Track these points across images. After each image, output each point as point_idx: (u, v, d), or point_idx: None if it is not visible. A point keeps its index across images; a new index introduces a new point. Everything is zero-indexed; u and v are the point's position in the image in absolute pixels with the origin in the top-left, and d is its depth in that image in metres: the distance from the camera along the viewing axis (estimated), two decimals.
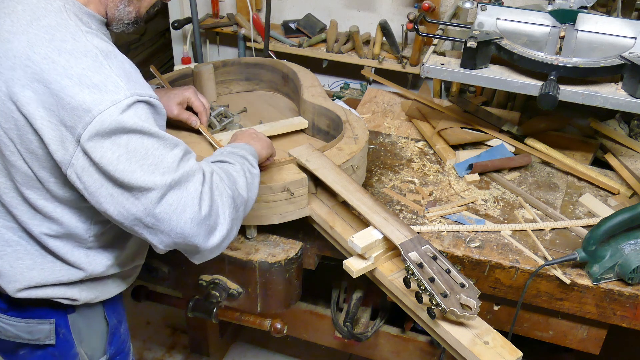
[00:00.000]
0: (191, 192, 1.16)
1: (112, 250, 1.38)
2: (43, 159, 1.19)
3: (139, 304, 2.82)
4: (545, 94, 1.64)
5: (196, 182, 1.18)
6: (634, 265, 1.50)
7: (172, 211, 1.15)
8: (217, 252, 1.26)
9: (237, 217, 1.28)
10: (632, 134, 2.14)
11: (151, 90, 1.19)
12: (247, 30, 2.62)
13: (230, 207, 1.24)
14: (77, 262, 1.33)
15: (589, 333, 1.71)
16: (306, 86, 1.93)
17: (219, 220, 1.21)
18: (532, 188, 1.88)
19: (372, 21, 2.54)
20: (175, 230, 1.16)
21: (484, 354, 1.22)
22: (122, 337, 1.56)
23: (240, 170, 1.32)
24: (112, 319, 1.50)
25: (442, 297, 1.20)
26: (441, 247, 1.63)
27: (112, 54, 1.17)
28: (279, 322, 1.72)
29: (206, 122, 1.72)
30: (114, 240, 1.38)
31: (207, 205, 1.18)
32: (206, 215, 1.18)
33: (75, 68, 1.12)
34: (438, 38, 1.99)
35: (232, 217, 1.24)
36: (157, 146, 1.14)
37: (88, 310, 1.44)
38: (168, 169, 1.14)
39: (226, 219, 1.22)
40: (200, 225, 1.18)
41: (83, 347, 1.46)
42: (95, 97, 1.10)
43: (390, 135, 2.13)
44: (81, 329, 1.44)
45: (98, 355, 1.51)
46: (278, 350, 2.72)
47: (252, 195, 1.34)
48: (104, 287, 1.42)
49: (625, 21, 1.79)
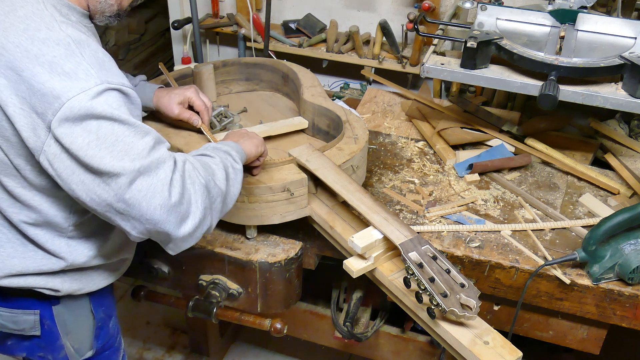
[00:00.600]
0: (161, 178, 1.17)
1: (94, 241, 1.39)
2: (18, 147, 1.21)
3: (139, 304, 2.84)
4: (545, 94, 1.64)
5: (167, 169, 1.19)
6: (634, 265, 1.50)
7: (141, 197, 1.16)
8: (191, 242, 1.26)
9: (214, 209, 1.28)
10: (632, 134, 2.14)
11: (125, 79, 1.20)
12: (247, 30, 2.62)
13: (203, 196, 1.24)
14: (57, 252, 1.34)
15: (589, 333, 1.71)
16: (306, 86, 1.93)
17: (190, 208, 1.21)
18: (532, 188, 1.88)
19: (372, 21, 2.54)
20: (145, 216, 1.17)
21: (484, 354, 1.22)
22: (110, 332, 1.56)
23: (220, 163, 1.33)
24: (99, 312, 1.50)
25: (442, 297, 1.20)
26: (441, 247, 1.63)
27: (85, 42, 1.18)
28: (279, 322, 1.72)
29: (208, 122, 1.72)
30: (96, 230, 1.38)
31: (178, 192, 1.19)
32: (176, 202, 1.19)
33: (47, 56, 1.14)
34: (438, 38, 1.99)
35: (204, 205, 1.24)
36: (127, 133, 1.16)
37: (73, 302, 1.44)
38: (138, 156, 1.16)
39: (198, 208, 1.22)
40: (171, 212, 1.18)
41: (69, 340, 1.48)
42: (65, 84, 1.13)
43: (390, 135, 2.13)
44: (67, 321, 1.45)
45: (85, 348, 1.51)
46: (278, 350, 2.72)
47: (233, 189, 1.35)
48: (88, 278, 1.42)
49: (625, 21, 1.79)
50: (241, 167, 1.39)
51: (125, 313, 2.88)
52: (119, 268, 1.51)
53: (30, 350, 1.48)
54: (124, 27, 4.12)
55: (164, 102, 1.68)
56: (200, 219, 1.23)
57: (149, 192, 1.16)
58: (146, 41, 4.38)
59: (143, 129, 1.19)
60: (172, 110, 1.68)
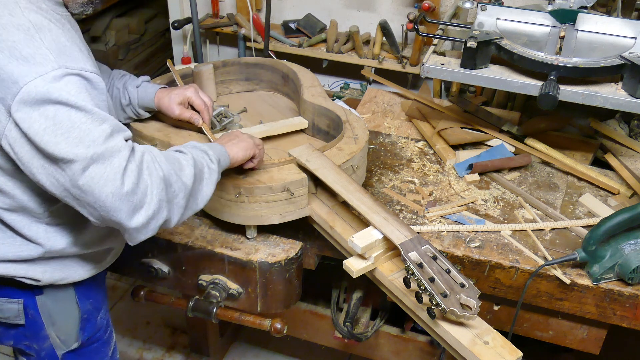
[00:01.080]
0: (115, 166, 1.18)
1: (71, 228, 1.39)
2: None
3: (139, 304, 2.83)
4: (545, 94, 1.64)
5: (121, 157, 1.19)
6: (634, 265, 1.50)
7: (94, 184, 1.16)
8: (146, 234, 1.25)
9: (175, 203, 1.27)
10: (632, 134, 2.14)
11: (88, 64, 1.21)
12: (247, 30, 2.62)
13: (159, 188, 1.23)
14: (35, 237, 1.35)
15: (589, 333, 1.71)
16: (306, 86, 1.93)
17: (145, 199, 1.21)
18: (532, 188, 1.88)
19: (372, 21, 2.54)
20: (98, 202, 1.18)
21: (484, 354, 1.22)
22: (98, 325, 1.57)
23: (191, 159, 1.33)
24: (85, 304, 1.51)
25: (442, 297, 1.20)
26: (441, 247, 1.63)
27: (47, 28, 1.19)
28: (279, 322, 1.72)
29: (209, 120, 1.71)
30: (73, 218, 1.38)
31: (132, 182, 1.19)
32: (129, 191, 1.18)
33: (6, 41, 1.15)
34: (438, 38, 1.99)
35: (159, 197, 1.23)
36: (84, 120, 1.16)
37: (58, 293, 1.45)
38: (93, 143, 1.16)
39: (153, 199, 1.22)
40: (123, 200, 1.18)
41: (55, 331, 1.49)
42: (23, 69, 1.14)
43: (390, 135, 2.13)
44: (51, 312, 1.46)
45: (72, 340, 1.52)
46: (278, 350, 2.72)
47: (206, 189, 1.35)
48: (69, 269, 1.42)
49: (625, 21, 1.79)
50: (216, 169, 1.39)
51: (125, 313, 2.88)
52: (104, 259, 1.50)
53: (16, 339, 1.50)
54: (124, 27, 4.12)
55: (165, 103, 1.68)
56: (154, 210, 1.22)
57: (101, 179, 1.17)
58: (146, 41, 4.38)
59: (101, 115, 1.19)
60: (172, 110, 1.68)
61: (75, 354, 1.55)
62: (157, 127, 1.75)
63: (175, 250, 1.65)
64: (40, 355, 1.52)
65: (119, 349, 2.71)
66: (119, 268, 1.76)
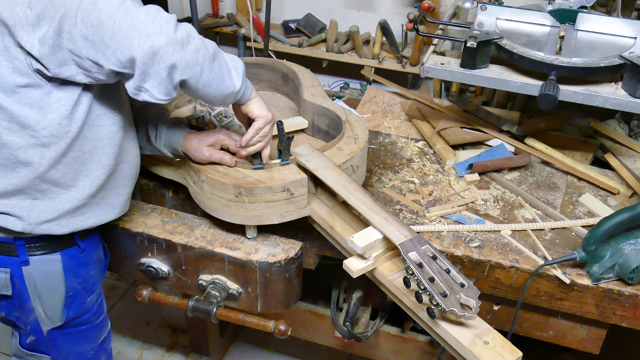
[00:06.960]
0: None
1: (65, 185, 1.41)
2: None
3: (139, 304, 2.84)
4: (545, 93, 1.64)
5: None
6: (633, 265, 1.50)
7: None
8: (160, 61, 1.24)
9: (188, 51, 1.27)
10: (632, 134, 2.14)
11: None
12: (247, 30, 2.62)
13: (194, 33, 1.28)
14: (30, 160, 1.34)
15: (588, 333, 1.71)
16: (306, 86, 1.93)
17: (180, 27, 1.26)
18: (532, 188, 1.88)
19: (372, 21, 2.54)
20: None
21: (483, 354, 1.22)
22: (87, 307, 1.58)
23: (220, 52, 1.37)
24: (72, 282, 1.52)
25: (441, 297, 1.20)
26: (441, 247, 1.63)
27: None
28: (282, 324, 1.70)
29: (243, 157, 1.62)
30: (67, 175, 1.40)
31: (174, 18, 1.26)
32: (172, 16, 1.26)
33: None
34: (438, 38, 1.99)
35: (190, 33, 1.27)
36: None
37: (44, 264, 1.47)
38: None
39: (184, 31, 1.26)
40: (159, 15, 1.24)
41: (42, 306, 1.51)
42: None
43: (390, 135, 2.13)
44: (37, 284, 1.48)
45: (57, 317, 1.54)
46: (278, 350, 2.72)
47: (217, 64, 1.35)
48: (53, 211, 1.42)
49: (625, 21, 1.79)
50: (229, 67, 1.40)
51: (125, 313, 2.88)
52: (85, 212, 1.48)
53: (7, 310, 1.53)
54: None
55: (194, 146, 1.59)
56: (183, 35, 1.25)
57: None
58: None
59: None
60: (202, 153, 1.58)
61: (61, 332, 1.57)
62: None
63: (175, 250, 1.65)
64: (26, 330, 1.55)
65: (119, 348, 2.72)
66: (118, 268, 1.76)
